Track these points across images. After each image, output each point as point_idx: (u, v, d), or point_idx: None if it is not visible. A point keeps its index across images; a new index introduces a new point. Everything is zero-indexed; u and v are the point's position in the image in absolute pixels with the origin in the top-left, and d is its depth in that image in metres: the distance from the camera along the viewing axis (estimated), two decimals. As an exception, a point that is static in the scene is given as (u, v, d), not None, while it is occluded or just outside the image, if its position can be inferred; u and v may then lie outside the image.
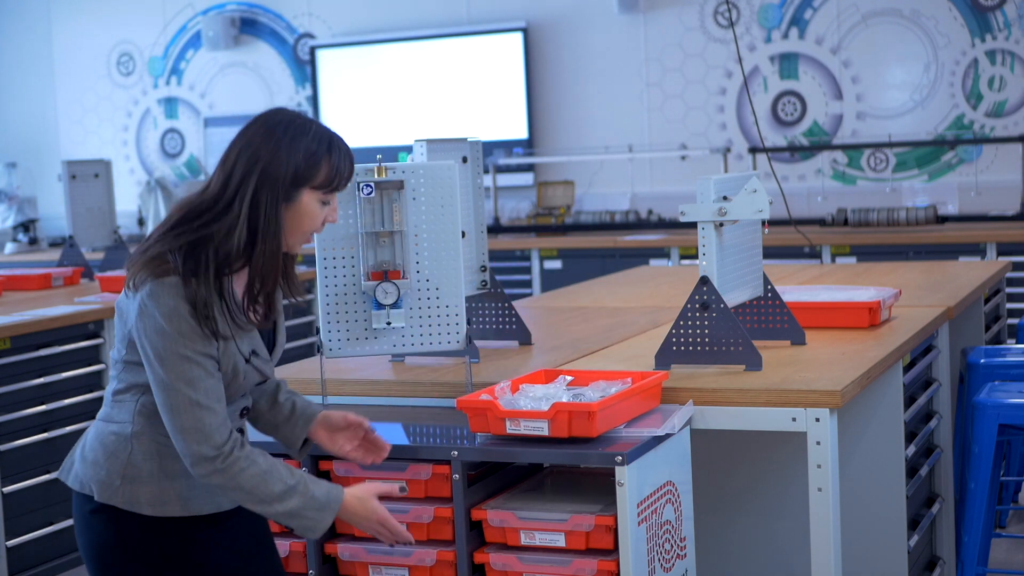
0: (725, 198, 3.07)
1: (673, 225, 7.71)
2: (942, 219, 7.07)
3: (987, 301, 4.87)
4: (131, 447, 2.36)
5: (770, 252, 5.12)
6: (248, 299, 2.38)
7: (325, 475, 2.84)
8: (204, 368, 2.27)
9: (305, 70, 9.23)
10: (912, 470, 3.54)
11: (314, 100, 9.08)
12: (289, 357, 6.37)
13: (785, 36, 7.97)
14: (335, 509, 2.37)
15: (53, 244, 9.20)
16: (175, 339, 2.24)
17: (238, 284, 2.38)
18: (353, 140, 9.77)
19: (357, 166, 3.09)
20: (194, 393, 2.25)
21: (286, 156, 2.32)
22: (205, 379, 2.27)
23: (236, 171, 2.32)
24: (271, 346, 2.52)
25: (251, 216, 2.30)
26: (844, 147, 7.71)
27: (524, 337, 3.64)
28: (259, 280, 2.35)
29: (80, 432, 5.11)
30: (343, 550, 2.79)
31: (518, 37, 8.53)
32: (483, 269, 3.56)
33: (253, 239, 2.32)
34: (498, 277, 3.70)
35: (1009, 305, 6.19)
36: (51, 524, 4.95)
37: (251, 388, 2.48)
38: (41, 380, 4.92)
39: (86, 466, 2.40)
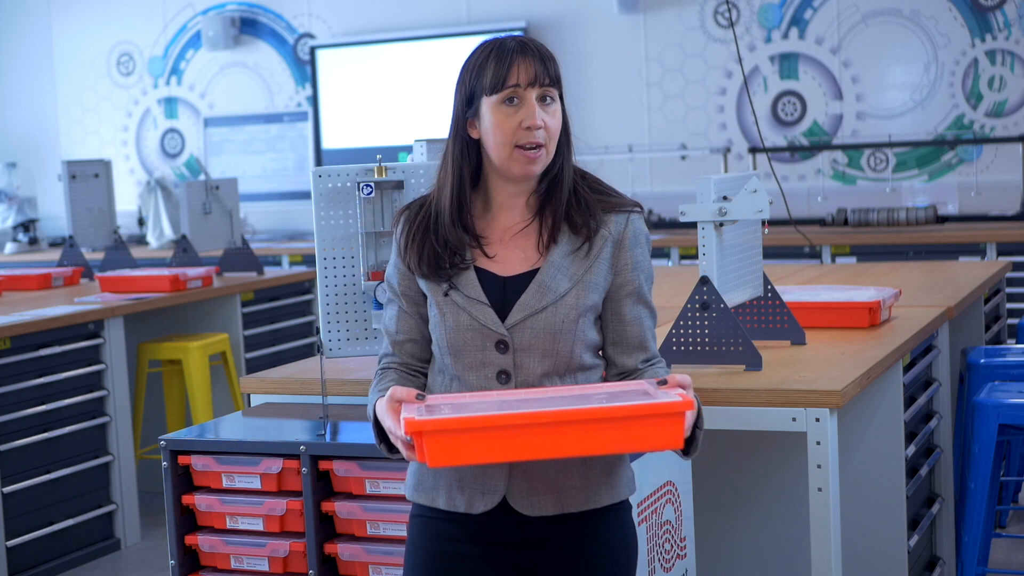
0: (725, 198, 3.07)
1: (673, 225, 7.71)
2: (942, 219, 7.07)
3: (987, 301, 4.87)
4: None
5: (770, 252, 5.12)
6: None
7: (325, 475, 2.84)
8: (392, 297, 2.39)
9: (305, 70, 9.22)
10: (912, 470, 3.54)
11: (314, 100, 9.07)
12: (289, 357, 6.40)
13: (785, 36, 7.97)
14: (371, 417, 2.22)
15: (53, 244, 9.20)
16: None
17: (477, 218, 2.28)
18: (353, 140, 9.69)
19: (356, 166, 3.09)
20: None
21: (459, 84, 2.25)
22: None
23: None
24: (506, 295, 2.23)
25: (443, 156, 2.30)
26: (844, 147, 7.71)
27: (524, 337, 3.63)
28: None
29: (80, 432, 5.13)
30: (343, 550, 2.79)
31: (518, 37, 8.52)
32: (483, 269, 3.54)
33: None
34: (498, 277, 3.69)
35: (1009, 305, 6.19)
36: (51, 524, 4.95)
37: (483, 342, 2.21)
38: (41, 380, 4.92)
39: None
